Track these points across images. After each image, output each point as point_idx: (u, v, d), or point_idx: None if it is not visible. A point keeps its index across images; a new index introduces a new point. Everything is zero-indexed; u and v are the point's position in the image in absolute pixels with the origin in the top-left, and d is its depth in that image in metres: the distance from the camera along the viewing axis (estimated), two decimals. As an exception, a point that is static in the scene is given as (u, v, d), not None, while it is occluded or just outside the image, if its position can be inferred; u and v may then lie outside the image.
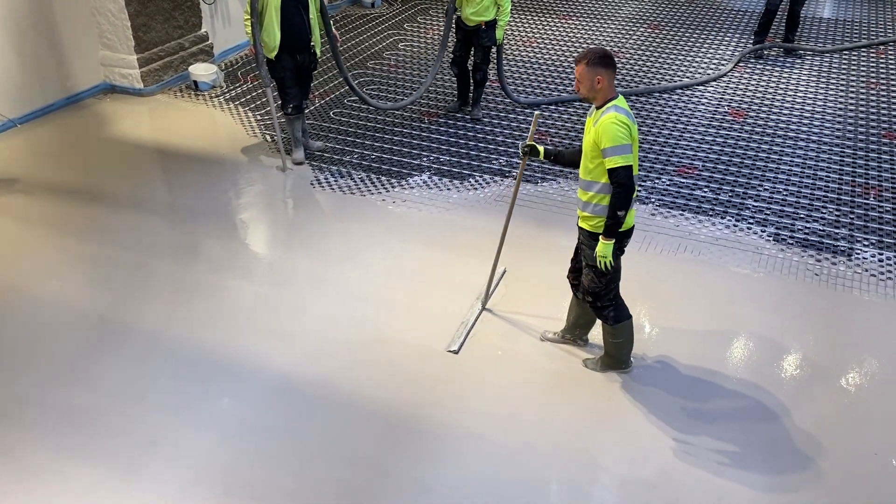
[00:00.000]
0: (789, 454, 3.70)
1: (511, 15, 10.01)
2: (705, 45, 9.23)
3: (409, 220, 5.59)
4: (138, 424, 3.81)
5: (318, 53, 6.08)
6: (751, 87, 7.98)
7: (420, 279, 4.93)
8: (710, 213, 5.70)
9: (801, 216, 5.67)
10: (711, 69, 8.48)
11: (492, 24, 6.59)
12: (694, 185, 6.10)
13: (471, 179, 6.16)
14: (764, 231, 5.48)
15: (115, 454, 3.64)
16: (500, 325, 4.53)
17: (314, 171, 6.26)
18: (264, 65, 5.95)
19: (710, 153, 6.61)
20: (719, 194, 5.96)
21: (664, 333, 4.50)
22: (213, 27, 8.42)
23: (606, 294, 3.90)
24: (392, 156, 6.52)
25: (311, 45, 5.97)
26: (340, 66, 6.42)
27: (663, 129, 7.04)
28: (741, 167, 6.38)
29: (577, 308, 4.22)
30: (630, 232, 3.78)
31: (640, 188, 5.93)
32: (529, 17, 10.24)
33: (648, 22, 10.10)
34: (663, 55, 8.90)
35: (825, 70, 8.46)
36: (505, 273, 4.93)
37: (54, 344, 4.36)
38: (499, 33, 6.63)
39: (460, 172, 6.26)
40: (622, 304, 3.98)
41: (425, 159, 6.47)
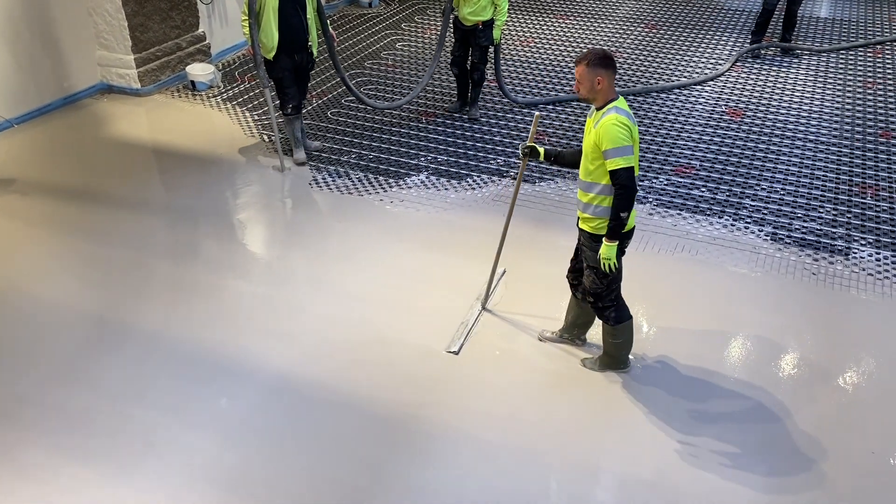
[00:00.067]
0: (788, 453, 3.71)
1: (508, 15, 10.04)
2: (703, 45, 9.25)
3: (407, 220, 5.59)
4: (137, 424, 3.81)
5: (315, 53, 6.08)
6: (748, 87, 7.99)
7: (418, 279, 4.93)
8: (708, 213, 5.71)
9: (799, 215, 5.68)
10: (709, 69, 8.49)
11: (489, 24, 6.59)
12: (691, 184, 6.11)
13: (468, 179, 6.16)
14: (761, 230, 5.49)
15: (114, 454, 3.64)
16: (499, 325, 4.54)
17: (312, 171, 6.26)
18: (262, 66, 5.94)
19: (707, 153, 6.62)
20: (717, 194, 5.97)
21: (662, 333, 4.51)
22: (211, 27, 8.41)
23: (608, 295, 3.90)
24: (390, 156, 6.52)
25: (309, 45, 5.96)
26: (337, 65, 6.42)
27: (661, 129, 7.05)
28: (739, 167, 6.39)
29: (576, 308, 4.22)
30: (631, 233, 3.78)
31: (638, 188, 5.93)
32: (527, 17, 10.24)
33: (646, 21, 10.11)
34: (661, 55, 8.91)
35: (822, 70, 8.47)
36: (504, 273, 4.93)
37: (53, 344, 4.35)
38: (496, 33, 6.64)
39: (458, 172, 6.27)
40: (623, 305, 3.98)
41: (423, 159, 6.47)
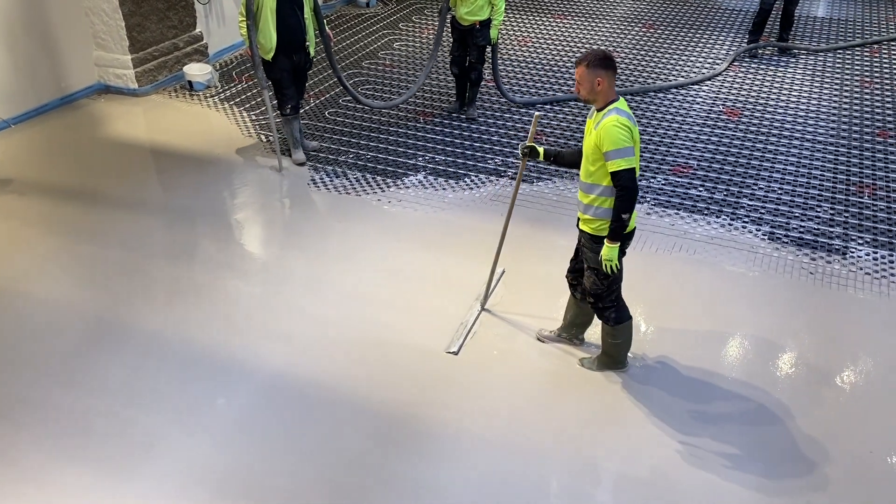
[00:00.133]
0: (785, 453, 3.71)
1: (506, 14, 10.05)
2: (700, 45, 9.25)
3: (405, 220, 5.59)
4: (135, 426, 3.80)
5: (312, 53, 6.08)
6: (745, 87, 8.00)
7: (417, 279, 4.93)
8: (705, 212, 5.71)
9: (796, 215, 5.69)
10: (706, 68, 8.49)
11: (486, 24, 6.59)
12: (689, 184, 6.12)
13: (466, 179, 6.16)
14: (759, 230, 5.50)
15: (112, 456, 3.63)
16: (498, 325, 4.53)
17: (310, 171, 6.25)
18: (261, 67, 5.93)
19: (705, 152, 6.63)
20: (714, 193, 5.98)
21: (660, 332, 4.51)
22: (208, 27, 8.40)
23: (608, 296, 3.90)
24: (387, 155, 6.52)
25: (307, 45, 5.96)
26: (333, 65, 6.40)
27: (658, 129, 7.05)
28: (736, 166, 6.39)
29: (575, 308, 4.22)
30: (632, 234, 3.78)
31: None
32: (525, 17, 10.24)
33: (643, 21, 10.12)
34: (658, 54, 8.91)
35: (819, 69, 8.48)
36: (504, 273, 4.93)
37: (51, 345, 4.34)
38: (493, 33, 6.63)
39: (456, 172, 6.26)
40: (623, 306, 3.98)
41: (421, 159, 6.46)
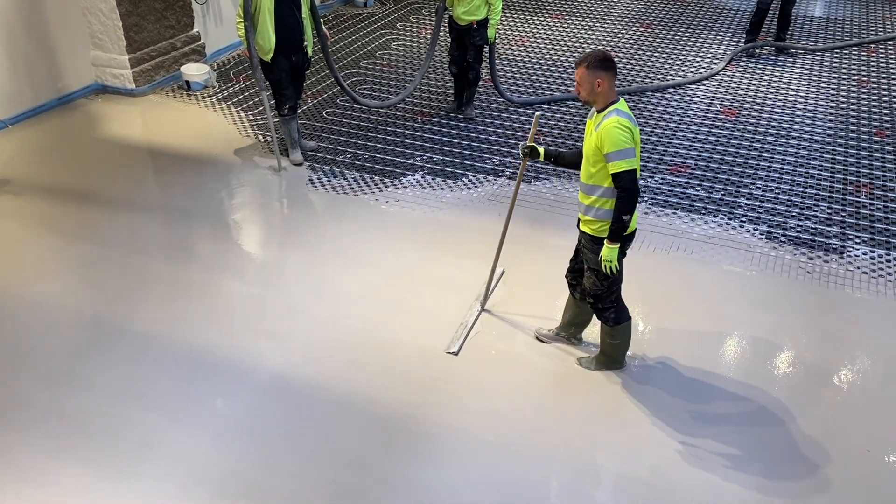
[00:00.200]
0: (783, 452, 3.72)
1: (503, 14, 10.05)
2: (698, 44, 9.26)
3: (403, 220, 5.59)
4: (133, 426, 3.80)
5: (310, 53, 6.07)
6: (743, 86, 8.01)
7: (416, 279, 4.93)
8: (703, 212, 5.72)
9: (794, 214, 5.70)
10: (704, 68, 8.50)
11: (483, 23, 6.59)
12: (686, 183, 6.12)
13: (464, 179, 6.16)
14: (756, 229, 5.50)
15: (110, 456, 3.63)
16: (498, 325, 4.53)
17: (308, 171, 6.25)
18: (259, 68, 5.92)
19: (702, 152, 6.63)
20: (712, 192, 5.98)
21: (658, 332, 4.51)
22: (206, 27, 8.39)
23: (608, 296, 3.90)
24: (385, 155, 6.51)
25: (304, 45, 5.95)
26: (330, 64, 6.39)
27: (656, 128, 7.05)
28: (734, 165, 6.40)
29: (574, 308, 4.22)
30: (633, 235, 3.78)
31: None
32: (522, 17, 10.24)
33: (641, 21, 10.12)
34: (656, 54, 8.92)
35: (817, 69, 8.49)
36: (504, 274, 4.93)
37: (48, 345, 4.34)
38: (490, 32, 6.63)
39: (453, 172, 6.26)
40: (623, 307, 3.98)
41: (418, 159, 6.46)
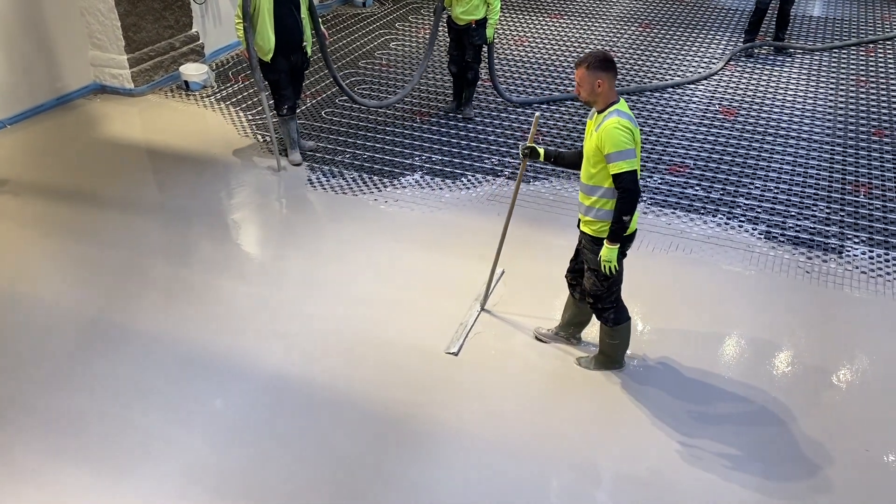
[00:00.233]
0: (782, 452, 3.72)
1: (502, 14, 10.05)
2: (696, 44, 9.26)
3: (402, 220, 5.58)
4: (131, 427, 3.79)
5: (309, 53, 6.07)
6: (742, 86, 8.01)
7: (415, 279, 4.93)
8: (702, 211, 5.72)
9: (792, 214, 5.70)
10: (702, 68, 8.50)
11: (482, 23, 6.58)
12: (685, 183, 6.12)
13: (463, 179, 6.16)
14: (755, 229, 5.51)
15: (110, 456, 3.63)
16: (497, 325, 4.53)
17: (306, 171, 6.25)
18: (258, 70, 5.91)
19: (701, 151, 6.64)
20: (711, 192, 5.99)
21: (657, 331, 4.51)
22: (204, 27, 8.39)
23: (608, 297, 3.90)
24: (384, 155, 6.51)
25: (304, 45, 5.94)
26: (329, 64, 6.39)
27: (654, 128, 7.06)
28: (732, 165, 6.40)
29: (573, 308, 4.22)
30: (633, 236, 3.77)
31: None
32: (521, 16, 10.24)
33: (640, 20, 10.13)
34: (654, 53, 8.92)
35: (815, 68, 8.50)
36: (503, 274, 4.93)
37: (47, 346, 4.33)
38: (489, 32, 6.63)
39: (452, 172, 6.26)
40: (623, 307, 3.98)
41: (417, 158, 6.46)
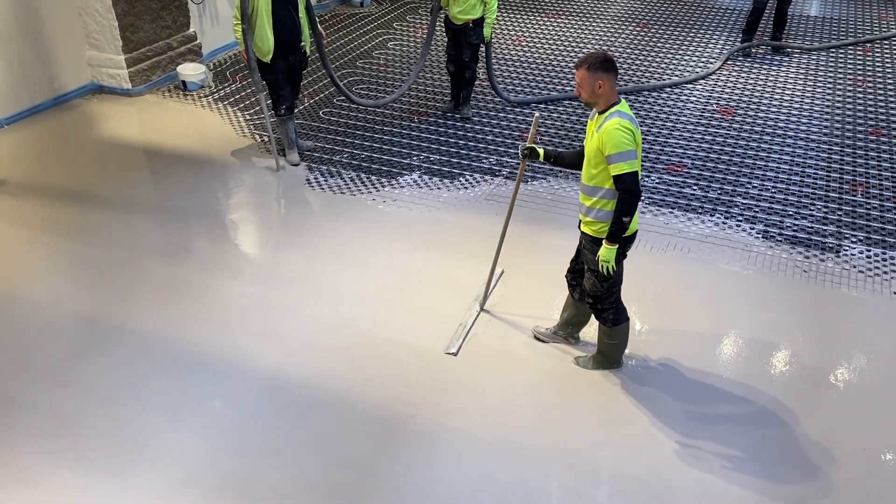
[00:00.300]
0: (780, 451, 3.72)
1: (500, 13, 10.05)
2: (694, 44, 9.27)
3: (400, 220, 5.58)
4: (129, 427, 3.79)
5: (307, 53, 6.06)
6: (739, 85, 8.02)
7: (414, 279, 4.93)
8: (700, 211, 5.72)
9: (790, 213, 5.71)
10: (700, 67, 8.51)
11: (479, 22, 6.58)
12: (683, 182, 6.13)
13: (461, 178, 6.16)
14: (753, 228, 5.51)
15: (106, 456, 3.62)
16: (497, 325, 4.53)
17: (304, 170, 6.24)
18: (257, 71, 5.90)
19: (699, 151, 6.64)
20: (708, 192, 5.99)
21: (655, 331, 4.52)
22: (202, 27, 8.38)
23: (608, 297, 3.90)
24: (382, 155, 6.51)
25: (302, 45, 5.94)
26: (326, 63, 6.38)
27: (652, 128, 7.06)
28: (730, 165, 6.41)
29: (572, 307, 4.22)
30: (633, 237, 3.77)
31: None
32: (519, 16, 10.24)
33: (637, 20, 10.13)
34: (652, 53, 8.93)
35: (813, 68, 8.51)
36: (503, 274, 4.93)
37: (44, 346, 4.33)
38: (486, 31, 6.63)
39: (450, 171, 6.26)
40: (622, 308, 3.99)
41: (415, 158, 6.46)
